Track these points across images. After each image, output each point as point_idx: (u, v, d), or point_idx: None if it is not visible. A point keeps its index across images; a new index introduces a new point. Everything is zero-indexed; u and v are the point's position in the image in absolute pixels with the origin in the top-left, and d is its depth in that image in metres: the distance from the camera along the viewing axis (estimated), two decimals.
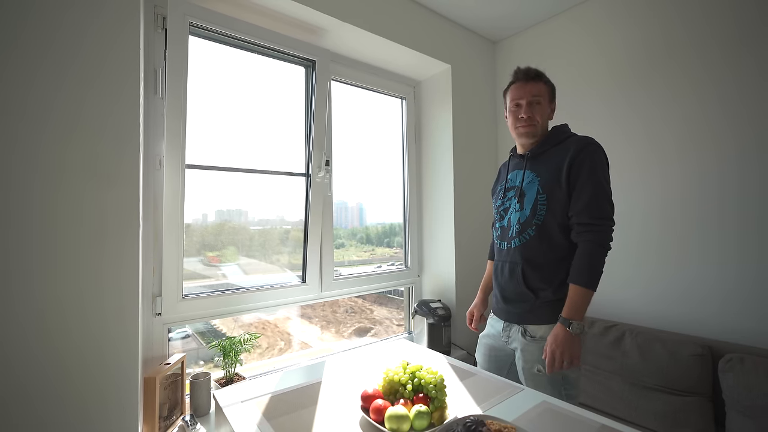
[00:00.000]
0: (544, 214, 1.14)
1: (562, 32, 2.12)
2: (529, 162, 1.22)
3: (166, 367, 1.29)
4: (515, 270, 1.18)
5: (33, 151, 0.99)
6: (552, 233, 1.13)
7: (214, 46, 1.56)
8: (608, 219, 1.07)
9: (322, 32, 1.75)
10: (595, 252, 1.06)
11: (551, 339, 1.05)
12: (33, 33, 1.00)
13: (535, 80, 1.19)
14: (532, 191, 1.17)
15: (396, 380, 0.91)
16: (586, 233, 1.07)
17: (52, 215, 1.01)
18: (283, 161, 1.76)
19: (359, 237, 2.19)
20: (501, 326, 1.24)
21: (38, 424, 0.98)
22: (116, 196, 1.10)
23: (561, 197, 1.11)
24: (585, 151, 1.10)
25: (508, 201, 1.25)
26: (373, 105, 2.24)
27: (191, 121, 1.46)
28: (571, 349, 1.02)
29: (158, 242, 1.38)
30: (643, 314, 1.76)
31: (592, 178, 1.08)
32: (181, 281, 1.41)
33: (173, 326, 1.44)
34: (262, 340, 1.85)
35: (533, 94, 1.18)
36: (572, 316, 1.04)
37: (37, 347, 0.98)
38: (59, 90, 1.03)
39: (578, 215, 1.08)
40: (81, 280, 1.04)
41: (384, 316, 2.30)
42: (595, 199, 1.07)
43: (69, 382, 1.02)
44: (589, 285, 1.04)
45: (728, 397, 1.35)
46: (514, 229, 1.20)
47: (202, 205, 1.57)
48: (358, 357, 1.29)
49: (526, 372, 1.14)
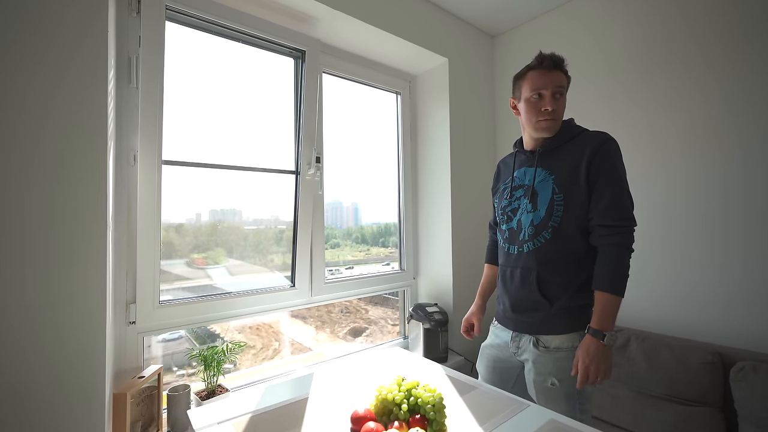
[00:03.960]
0: (561, 215, 1.04)
1: (561, 27, 2.04)
2: (541, 159, 1.11)
3: (139, 381, 1.18)
4: (528, 277, 1.08)
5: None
6: (569, 236, 1.04)
7: (195, 34, 1.46)
8: (631, 219, 1.00)
9: (313, 21, 1.65)
10: (622, 255, 0.98)
11: (582, 353, 0.95)
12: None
13: (559, 69, 1.08)
14: (546, 190, 1.07)
15: (390, 399, 0.82)
16: (610, 236, 0.98)
17: (7, 215, 0.90)
18: (272, 158, 1.66)
19: (354, 237, 2.11)
20: (509, 336, 1.14)
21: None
22: (81, 193, 0.99)
23: (580, 197, 1.02)
24: (604, 147, 1.01)
25: (517, 201, 1.14)
26: (368, 100, 2.14)
27: (171, 115, 1.36)
28: (606, 363, 0.94)
29: (132, 245, 1.27)
30: (648, 317, 1.68)
31: (613, 177, 1.00)
32: (158, 286, 1.31)
33: (149, 335, 1.33)
34: (256, 340, 1.75)
35: (557, 85, 1.06)
36: (604, 327, 0.95)
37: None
38: (15, 77, 0.92)
39: (601, 217, 0.99)
40: (41, 286, 0.93)
41: (379, 316, 2.25)
42: (618, 199, 0.99)
43: (26, 401, 0.91)
44: (619, 291, 0.97)
45: (741, 407, 1.28)
46: (527, 231, 1.09)
47: (195, 205, 1.49)
48: (348, 368, 1.20)
49: (537, 386, 1.04)
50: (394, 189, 2.24)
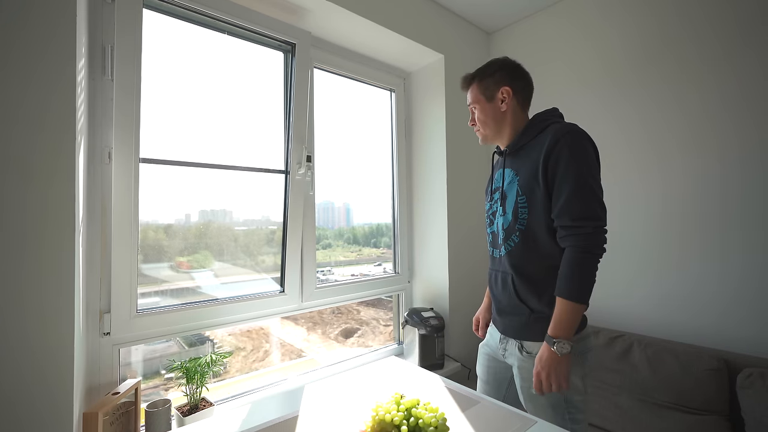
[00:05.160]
0: (526, 218, 1.00)
1: (558, 24, 2.00)
2: (508, 159, 1.09)
3: (114, 398, 1.09)
4: (507, 280, 1.06)
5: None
6: (539, 239, 0.98)
7: (176, 23, 1.36)
8: (593, 219, 0.90)
9: (304, 12, 1.57)
10: (579, 259, 0.90)
11: (537, 359, 0.93)
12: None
13: (467, 87, 1.13)
14: (512, 193, 1.04)
15: (388, 420, 0.74)
16: (568, 237, 0.92)
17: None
18: (260, 157, 1.57)
19: (346, 237, 2.05)
20: (498, 337, 1.12)
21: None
22: (47, 194, 0.90)
23: (541, 197, 0.97)
24: (560, 143, 0.93)
25: (495, 204, 1.11)
26: (360, 97, 2.07)
27: (152, 111, 1.26)
28: (557, 372, 0.89)
29: (107, 249, 1.17)
30: (650, 322, 1.64)
31: (570, 173, 0.91)
32: (135, 294, 1.21)
33: (125, 347, 1.23)
34: (246, 342, 1.67)
35: (469, 102, 1.13)
36: (557, 334, 0.90)
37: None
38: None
39: (559, 217, 0.94)
40: (1, 297, 0.84)
41: (371, 317, 2.20)
42: (576, 196, 0.90)
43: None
44: (576, 298, 0.89)
45: (748, 415, 1.24)
46: (500, 235, 1.07)
47: (185, 205, 1.41)
48: (341, 381, 1.12)
49: (524, 392, 1.01)
50: (388, 189, 2.17)
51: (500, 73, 1.07)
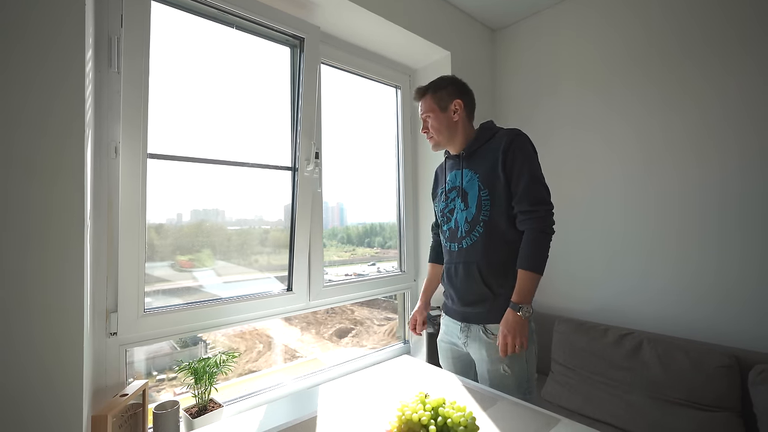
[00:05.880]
0: (489, 210, 1.14)
1: (563, 22, 1.99)
2: (465, 161, 1.23)
3: (122, 400, 1.05)
4: (470, 269, 1.17)
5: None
6: (501, 228, 1.13)
7: (184, 16, 1.33)
8: (545, 204, 1.09)
9: (313, 6, 1.54)
10: (538, 238, 1.08)
11: (502, 324, 1.07)
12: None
13: (421, 98, 1.25)
14: (473, 189, 1.17)
15: (415, 420, 0.73)
16: (527, 221, 1.09)
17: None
18: (265, 153, 1.54)
19: (340, 237, 2.04)
20: (458, 328, 1.21)
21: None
22: (56, 189, 0.86)
23: (501, 189, 1.12)
24: (515, 143, 1.12)
25: (452, 202, 1.24)
26: (365, 94, 2.04)
27: (158, 104, 1.23)
28: (521, 332, 1.04)
29: (114, 247, 1.14)
30: (658, 319, 1.64)
31: (525, 167, 1.10)
32: (143, 293, 1.18)
33: (132, 347, 1.20)
34: (239, 343, 1.63)
35: (422, 112, 1.25)
36: (521, 301, 1.06)
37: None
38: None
39: (518, 204, 1.10)
40: (7, 297, 0.80)
41: (365, 317, 2.18)
42: (533, 185, 1.08)
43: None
44: (536, 269, 1.07)
45: (760, 411, 1.24)
46: (463, 228, 1.19)
47: (176, 204, 1.36)
48: (355, 381, 1.10)
49: (491, 373, 1.11)
50: (386, 188, 2.14)
51: (452, 87, 1.23)
